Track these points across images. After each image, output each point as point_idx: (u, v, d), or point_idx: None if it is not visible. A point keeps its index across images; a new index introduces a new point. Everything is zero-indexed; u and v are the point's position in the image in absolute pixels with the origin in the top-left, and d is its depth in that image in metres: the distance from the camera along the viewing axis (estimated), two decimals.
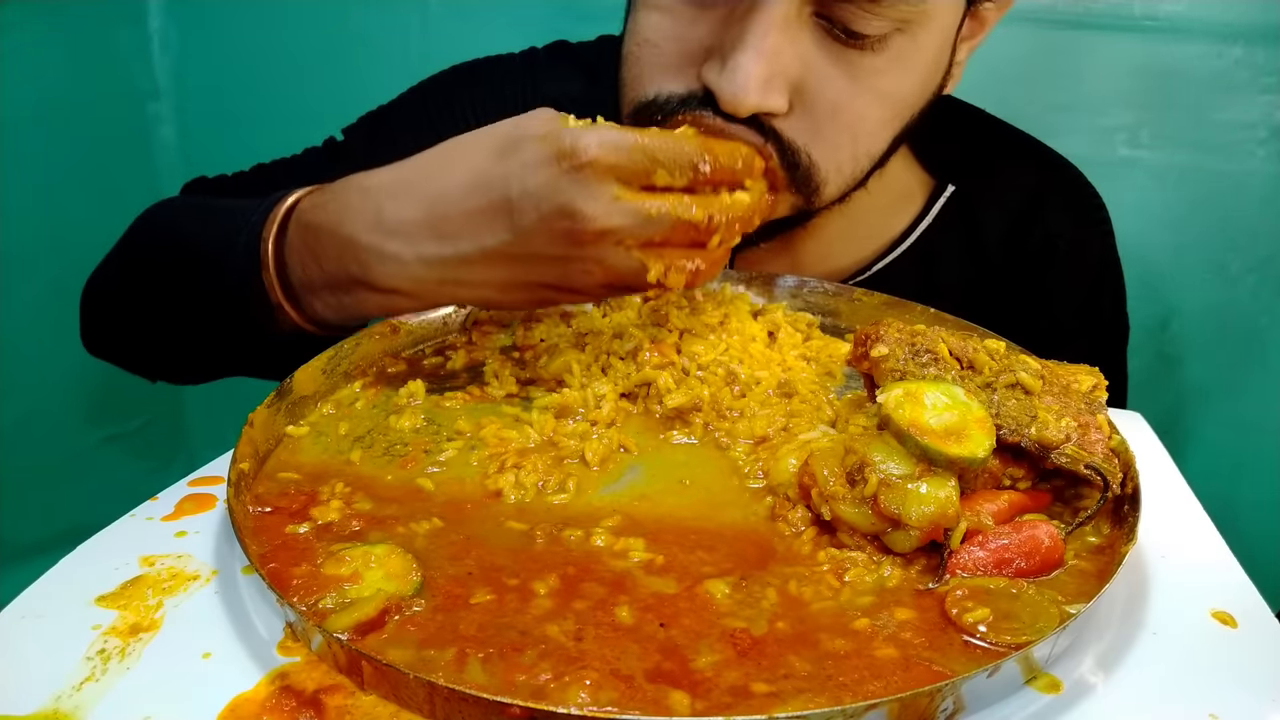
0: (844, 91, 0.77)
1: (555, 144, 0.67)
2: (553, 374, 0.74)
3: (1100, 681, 0.50)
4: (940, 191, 1.01)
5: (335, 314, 0.78)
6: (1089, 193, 1.05)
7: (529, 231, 0.68)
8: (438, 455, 0.66)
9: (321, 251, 0.76)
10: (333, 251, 0.75)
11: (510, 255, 0.70)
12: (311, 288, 0.78)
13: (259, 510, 0.59)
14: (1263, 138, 1.30)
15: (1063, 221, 1.02)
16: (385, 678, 0.46)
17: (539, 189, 0.67)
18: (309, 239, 0.77)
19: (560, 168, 0.66)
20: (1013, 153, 1.06)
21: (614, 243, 0.67)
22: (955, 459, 0.56)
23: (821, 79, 0.76)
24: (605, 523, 0.59)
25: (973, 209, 1.01)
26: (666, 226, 0.67)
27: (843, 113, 0.78)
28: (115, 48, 1.50)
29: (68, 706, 0.46)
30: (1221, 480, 1.34)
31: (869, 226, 1.00)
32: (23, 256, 1.35)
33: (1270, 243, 1.33)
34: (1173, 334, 1.38)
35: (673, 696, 0.45)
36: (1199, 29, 1.29)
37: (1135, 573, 0.58)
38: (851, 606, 0.52)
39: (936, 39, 0.80)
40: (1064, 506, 0.62)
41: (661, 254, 0.69)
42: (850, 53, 0.76)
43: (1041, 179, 1.04)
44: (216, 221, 0.84)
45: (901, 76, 0.79)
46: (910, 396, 0.58)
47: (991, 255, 1.01)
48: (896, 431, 0.56)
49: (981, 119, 1.06)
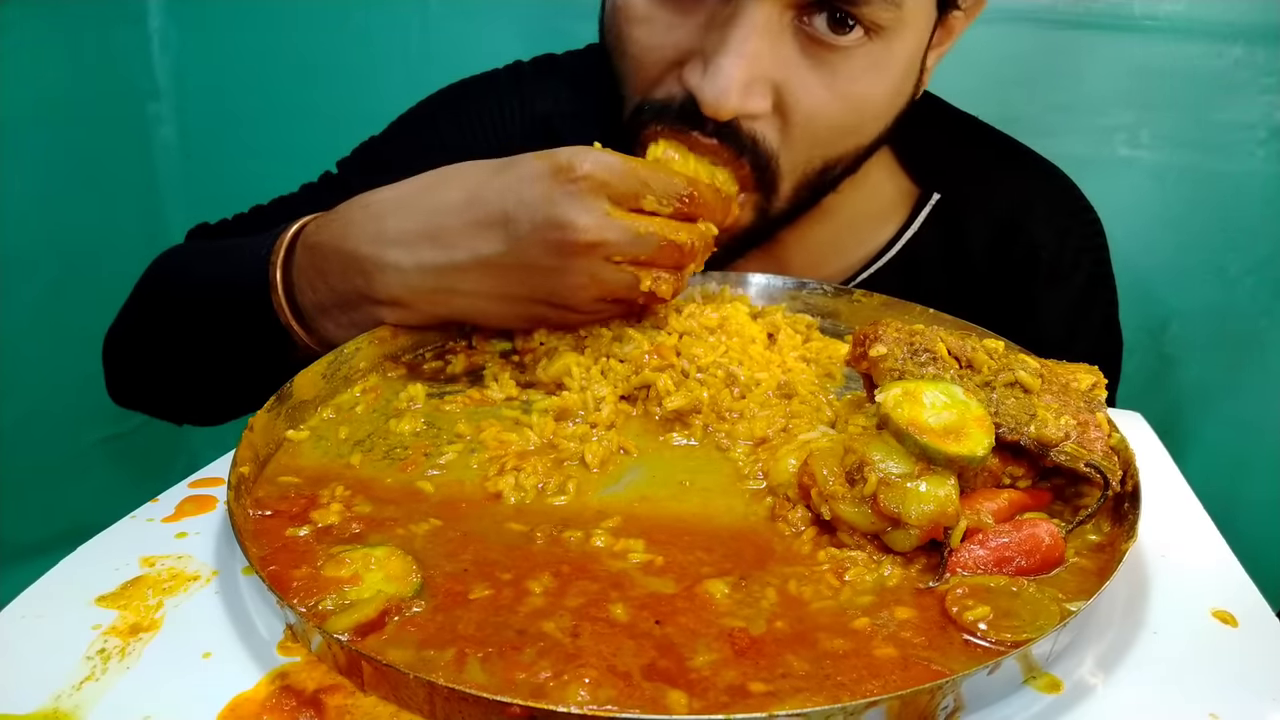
0: (820, 96, 0.80)
1: (552, 160, 0.69)
2: (552, 377, 0.74)
3: (1100, 681, 0.50)
4: (925, 200, 1.01)
5: (345, 333, 0.79)
6: (1079, 202, 1.04)
7: (524, 241, 0.70)
8: (438, 458, 0.66)
9: (327, 269, 0.77)
10: (337, 268, 0.77)
11: (505, 265, 0.72)
12: (321, 308, 0.79)
13: (259, 514, 0.59)
14: (1263, 138, 1.30)
15: (1048, 231, 1.01)
16: (385, 678, 0.46)
17: (534, 200, 0.69)
18: (315, 259, 0.78)
19: (556, 181, 0.69)
20: (1000, 160, 1.05)
21: (604, 256, 0.70)
22: (955, 457, 0.56)
23: (799, 83, 0.79)
24: (605, 524, 0.59)
25: (958, 217, 1.01)
26: (654, 247, 0.71)
27: (817, 117, 0.81)
28: (115, 48, 1.50)
29: (68, 706, 0.46)
30: (1221, 480, 1.33)
31: (855, 235, 1.00)
32: (23, 256, 1.35)
33: (1270, 243, 1.33)
34: (1172, 334, 1.38)
35: (670, 695, 0.45)
36: (1199, 29, 1.29)
37: (1135, 572, 0.58)
38: (851, 606, 0.52)
39: (910, 45, 0.82)
40: (1064, 505, 0.62)
41: (649, 271, 0.72)
42: (828, 57, 0.78)
43: (1029, 187, 1.03)
44: (226, 258, 0.87)
45: (875, 81, 0.81)
46: (909, 396, 0.58)
47: (976, 264, 1.01)
48: (896, 431, 0.56)
49: (969, 125, 1.06)
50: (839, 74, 0.79)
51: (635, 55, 0.82)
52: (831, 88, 0.79)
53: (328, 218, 0.79)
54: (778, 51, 0.77)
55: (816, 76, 0.79)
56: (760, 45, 0.75)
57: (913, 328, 0.65)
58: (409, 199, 0.76)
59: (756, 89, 0.77)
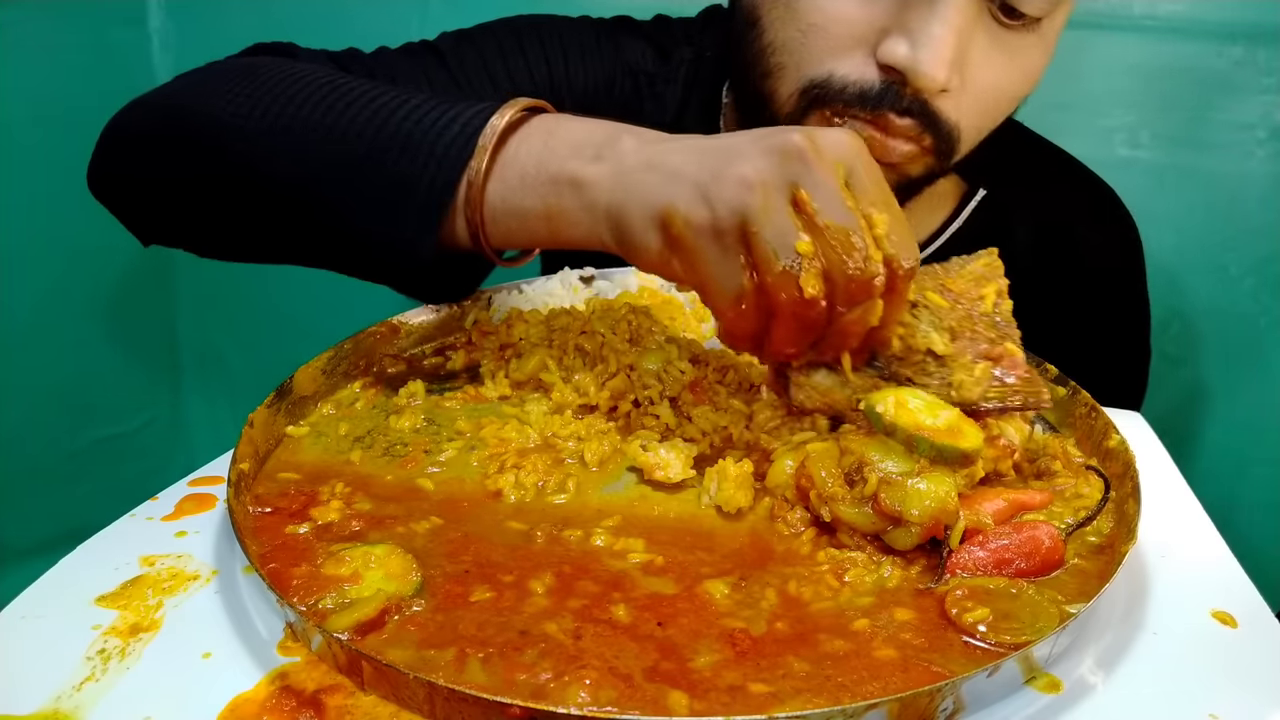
0: (1000, 71, 0.81)
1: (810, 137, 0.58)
2: (528, 374, 0.74)
3: (1100, 681, 0.50)
4: (972, 195, 1.02)
5: (521, 235, 0.68)
6: (1123, 215, 1.06)
7: (743, 145, 0.58)
8: (438, 455, 0.66)
9: (559, 199, 0.64)
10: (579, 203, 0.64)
11: (715, 148, 0.59)
12: (520, 214, 0.66)
13: (259, 510, 0.59)
14: (1262, 138, 1.30)
15: (1094, 237, 1.03)
16: (385, 678, 0.46)
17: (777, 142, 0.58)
18: (535, 185, 0.65)
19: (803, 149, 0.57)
20: (1049, 165, 1.07)
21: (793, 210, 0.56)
22: (969, 452, 0.56)
23: (983, 59, 0.80)
24: (605, 523, 0.59)
25: (1004, 214, 1.02)
26: (845, 258, 0.56)
27: (994, 91, 0.82)
28: (115, 48, 1.49)
29: (68, 706, 0.46)
30: (1222, 480, 1.34)
31: None
32: (22, 257, 1.35)
33: (1270, 243, 1.33)
34: (1173, 334, 1.38)
35: (671, 696, 0.45)
36: (1199, 29, 1.29)
37: (1135, 573, 0.58)
38: (851, 607, 0.52)
39: (1065, 18, 0.84)
40: (1064, 506, 0.62)
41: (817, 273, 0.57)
42: (1005, 33, 0.80)
43: (1077, 193, 1.05)
44: (407, 105, 0.68)
45: (1042, 56, 0.84)
46: (900, 404, 0.58)
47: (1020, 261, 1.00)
48: (906, 436, 0.57)
49: (1017, 128, 1.06)
50: (1016, 48, 0.81)
51: (820, 25, 0.80)
52: (1011, 61, 0.81)
53: (555, 141, 0.65)
54: (975, 26, 0.78)
55: (997, 50, 0.80)
56: (963, 20, 0.76)
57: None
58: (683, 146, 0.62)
59: (958, 64, 0.77)
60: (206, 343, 1.66)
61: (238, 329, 1.66)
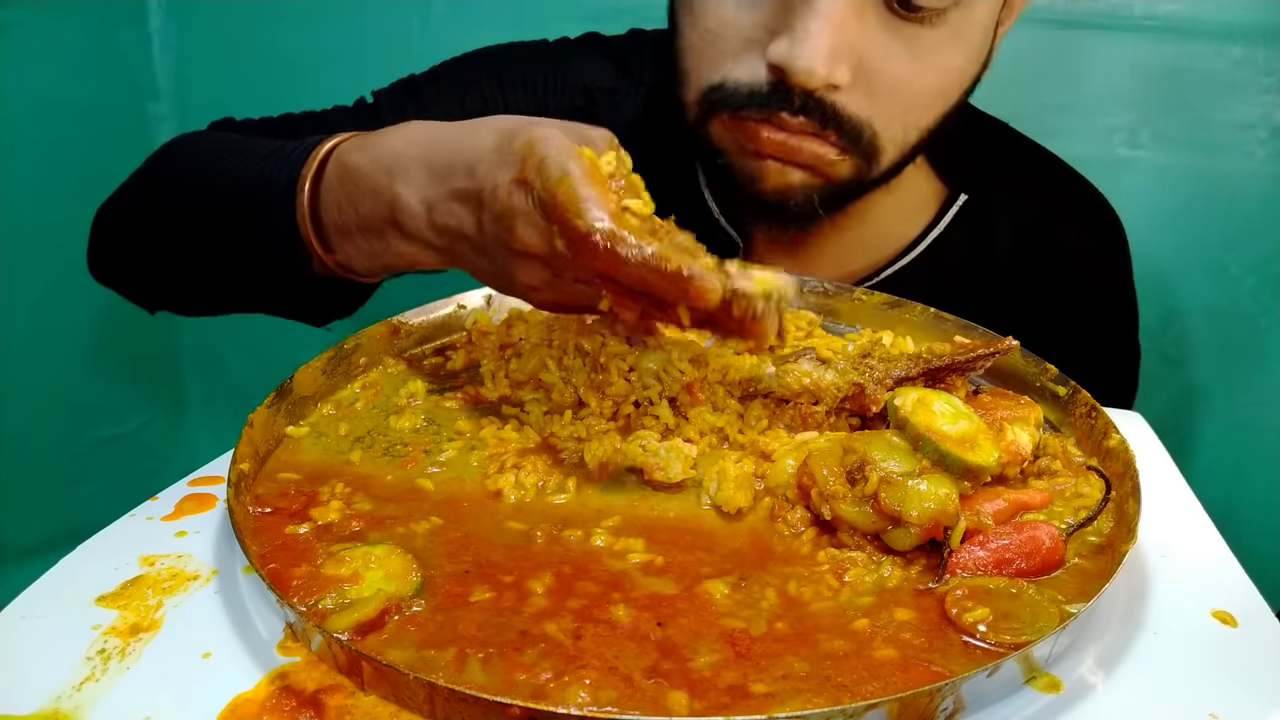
0: (903, 65, 0.80)
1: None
2: (528, 374, 0.74)
3: (1100, 681, 0.50)
4: (953, 200, 1.01)
5: (364, 260, 0.75)
6: (1106, 212, 1.05)
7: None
8: (438, 455, 0.66)
9: (357, 193, 0.73)
10: (368, 192, 0.72)
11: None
12: (343, 230, 0.75)
13: (259, 511, 0.59)
14: (1263, 138, 1.30)
15: (1076, 237, 1.02)
16: (385, 678, 0.46)
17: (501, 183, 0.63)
18: (346, 180, 0.74)
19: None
20: (1030, 165, 1.06)
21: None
22: (973, 466, 0.57)
23: (882, 54, 0.79)
24: (605, 523, 0.59)
25: (985, 219, 1.01)
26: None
27: (901, 86, 0.81)
28: (115, 48, 1.49)
29: (68, 706, 0.46)
30: (1222, 480, 1.33)
31: (884, 233, 1.00)
32: (22, 257, 1.35)
33: (1270, 243, 1.33)
34: (1173, 335, 1.38)
35: (671, 696, 0.45)
36: (1199, 29, 1.29)
37: (1135, 572, 0.58)
38: (851, 607, 0.52)
39: (985, 15, 0.83)
40: (1064, 506, 0.62)
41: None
42: (908, 27, 0.79)
43: (1058, 193, 1.04)
44: (253, 157, 0.81)
45: (955, 52, 0.82)
46: (922, 403, 0.58)
47: (1000, 266, 1.01)
48: (914, 434, 0.57)
49: (999, 129, 1.06)
50: (920, 43, 0.80)
51: (714, 29, 0.81)
52: (914, 56, 0.80)
53: (368, 140, 0.74)
54: (863, 20, 0.78)
55: (898, 45, 0.79)
56: (846, 12, 0.76)
57: None
58: (446, 136, 0.69)
59: (841, 58, 0.77)
60: (206, 343, 1.66)
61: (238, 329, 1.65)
